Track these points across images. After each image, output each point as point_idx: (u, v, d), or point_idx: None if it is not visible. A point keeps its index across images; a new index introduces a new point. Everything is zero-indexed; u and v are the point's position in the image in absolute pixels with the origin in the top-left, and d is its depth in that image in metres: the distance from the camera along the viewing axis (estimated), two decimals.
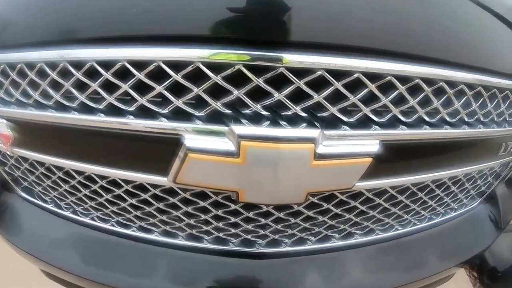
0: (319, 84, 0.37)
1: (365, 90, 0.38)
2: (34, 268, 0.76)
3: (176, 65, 0.36)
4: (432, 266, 0.65)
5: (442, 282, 0.79)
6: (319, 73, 0.36)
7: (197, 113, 0.37)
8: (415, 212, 0.57)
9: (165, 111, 0.38)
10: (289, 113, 0.37)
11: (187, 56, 0.36)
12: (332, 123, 0.39)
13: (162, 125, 0.37)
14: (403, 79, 0.40)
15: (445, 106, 0.44)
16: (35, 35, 0.43)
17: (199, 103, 0.38)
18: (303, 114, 0.37)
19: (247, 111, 0.37)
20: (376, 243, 0.59)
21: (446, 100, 0.44)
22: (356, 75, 0.37)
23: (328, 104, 0.37)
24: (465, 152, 0.52)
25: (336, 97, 0.38)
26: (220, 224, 0.48)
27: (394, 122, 0.42)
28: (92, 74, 0.39)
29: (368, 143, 0.39)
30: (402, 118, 0.42)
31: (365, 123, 0.40)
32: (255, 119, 0.37)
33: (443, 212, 0.63)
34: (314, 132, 0.36)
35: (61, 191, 0.55)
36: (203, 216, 0.47)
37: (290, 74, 0.36)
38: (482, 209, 0.69)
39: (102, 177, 0.47)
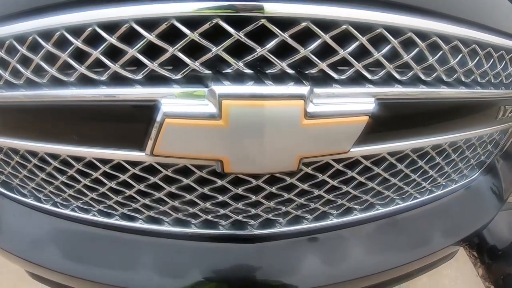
0: (306, 37, 0.34)
1: (355, 44, 0.35)
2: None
3: (150, 25, 0.33)
4: (435, 243, 0.62)
5: (444, 260, 0.77)
6: (304, 24, 0.33)
7: (173, 76, 0.34)
8: (415, 183, 0.54)
9: (139, 77, 0.35)
10: (275, 70, 0.34)
11: (160, 12, 0.33)
12: (322, 80, 0.36)
13: (137, 91, 0.34)
14: (395, 32, 0.37)
15: (440, 64, 0.42)
16: None
17: (176, 65, 0.35)
18: (290, 71, 0.35)
19: (228, 70, 0.34)
20: (376, 219, 0.57)
21: (441, 57, 0.42)
22: (344, 26, 0.34)
23: (317, 59, 0.35)
24: (464, 116, 0.50)
25: (326, 52, 0.35)
26: (207, 204, 0.45)
27: (389, 80, 0.39)
28: (61, 43, 0.36)
29: (363, 101, 0.36)
30: (397, 76, 0.39)
31: (358, 80, 0.37)
32: (238, 78, 0.34)
33: (443, 183, 0.61)
34: (303, 89, 0.34)
35: (38, 180, 0.51)
36: (188, 196, 0.43)
37: (273, 26, 0.33)
38: (484, 181, 0.67)
39: (78, 159, 0.43)
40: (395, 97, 0.39)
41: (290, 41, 0.33)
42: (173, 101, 0.33)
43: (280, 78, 0.34)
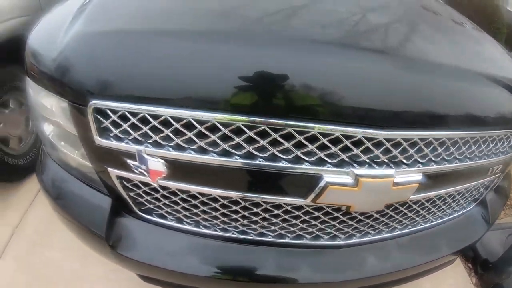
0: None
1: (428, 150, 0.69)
2: None
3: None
4: (443, 251, 0.96)
5: (444, 266, 1.09)
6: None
7: (330, 161, 0.64)
8: (432, 213, 0.88)
9: (312, 159, 0.63)
10: (379, 160, 0.67)
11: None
12: (399, 164, 0.69)
13: (310, 168, 0.64)
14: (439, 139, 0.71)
15: (457, 150, 0.76)
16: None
17: (332, 155, 0.64)
18: (386, 161, 0.67)
19: (361, 160, 0.65)
20: (407, 234, 0.90)
21: (458, 147, 0.75)
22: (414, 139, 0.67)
23: (401, 157, 0.67)
24: (467, 175, 0.84)
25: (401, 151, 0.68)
26: (322, 226, 0.77)
27: (429, 163, 0.73)
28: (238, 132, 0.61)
29: (416, 175, 0.70)
30: (433, 159, 0.72)
31: (414, 164, 0.70)
32: (366, 165, 0.65)
33: (450, 213, 0.95)
34: (393, 171, 0.66)
35: (197, 211, 0.74)
36: (318, 225, 0.75)
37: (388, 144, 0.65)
38: (476, 210, 1.02)
39: (245, 200, 0.69)
40: (431, 171, 0.72)
41: (393, 150, 0.66)
42: (331, 175, 0.64)
43: (381, 164, 0.67)
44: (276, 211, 0.72)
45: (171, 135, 0.63)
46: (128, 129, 0.65)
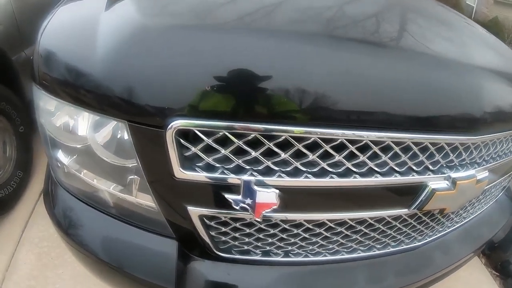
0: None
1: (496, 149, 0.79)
2: None
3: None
4: (482, 239, 1.07)
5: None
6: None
7: (432, 168, 0.69)
8: (482, 203, 1.00)
9: (419, 168, 0.67)
10: (464, 162, 0.75)
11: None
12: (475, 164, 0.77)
13: (415, 178, 0.67)
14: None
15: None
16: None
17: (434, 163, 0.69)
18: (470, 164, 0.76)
19: (456, 163, 0.73)
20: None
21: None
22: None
23: (477, 157, 0.77)
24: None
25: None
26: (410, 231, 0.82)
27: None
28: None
29: (485, 172, 0.78)
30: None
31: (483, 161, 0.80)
32: (457, 169, 0.73)
33: (489, 202, 1.08)
34: (474, 172, 0.74)
35: (295, 240, 0.69)
36: (403, 230, 0.80)
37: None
38: (503, 195, 1.17)
39: (353, 219, 0.69)
40: (494, 166, 0.83)
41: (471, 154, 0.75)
42: (435, 182, 0.69)
43: (463, 166, 0.75)
44: (377, 225, 0.75)
45: (290, 159, 0.56)
46: (230, 155, 0.54)
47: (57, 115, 0.62)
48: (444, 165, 0.72)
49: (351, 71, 0.59)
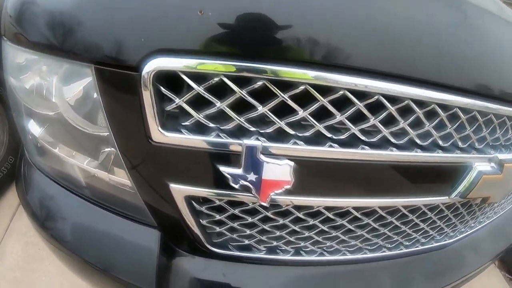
0: None
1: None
2: None
3: None
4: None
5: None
6: None
7: (477, 146, 0.57)
8: None
9: (464, 145, 0.54)
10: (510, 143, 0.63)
11: None
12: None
13: (456, 157, 0.54)
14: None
15: None
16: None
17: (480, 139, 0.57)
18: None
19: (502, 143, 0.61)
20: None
21: None
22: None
23: None
24: None
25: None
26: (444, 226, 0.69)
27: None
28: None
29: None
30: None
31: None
32: (498, 147, 0.61)
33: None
34: None
35: (311, 234, 0.56)
36: (438, 223, 0.67)
37: None
38: None
39: (383, 208, 0.56)
40: None
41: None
42: (481, 163, 0.57)
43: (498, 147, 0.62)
44: (410, 216, 0.62)
45: (310, 119, 0.41)
46: (228, 110, 0.40)
47: (27, 75, 0.51)
48: (490, 144, 0.59)
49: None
